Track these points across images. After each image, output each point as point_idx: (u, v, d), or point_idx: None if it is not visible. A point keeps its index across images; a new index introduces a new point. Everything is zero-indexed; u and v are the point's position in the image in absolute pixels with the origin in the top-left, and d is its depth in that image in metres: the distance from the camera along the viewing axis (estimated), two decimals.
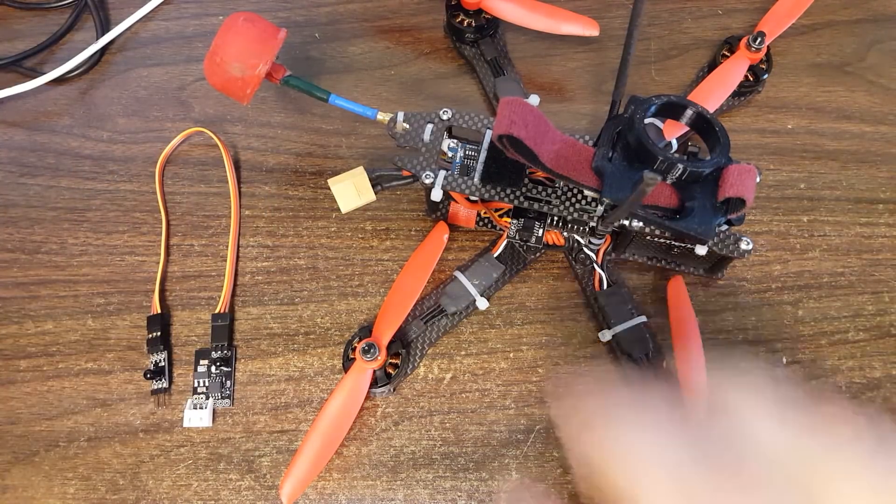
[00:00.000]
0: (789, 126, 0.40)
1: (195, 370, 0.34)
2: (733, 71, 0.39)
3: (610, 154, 0.30)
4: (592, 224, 0.34)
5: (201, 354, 0.34)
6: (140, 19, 0.44)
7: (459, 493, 0.32)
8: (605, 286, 0.35)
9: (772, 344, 0.35)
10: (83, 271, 0.37)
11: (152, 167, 0.39)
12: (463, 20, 0.41)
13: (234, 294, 0.36)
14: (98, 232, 0.38)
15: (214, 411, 0.34)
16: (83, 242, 0.38)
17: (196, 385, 0.34)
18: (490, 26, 0.41)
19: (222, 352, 0.34)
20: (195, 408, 0.33)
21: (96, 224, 0.38)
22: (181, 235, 0.38)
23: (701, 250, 0.31)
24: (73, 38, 0.44)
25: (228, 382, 0.34)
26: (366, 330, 0.34)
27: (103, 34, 0.43)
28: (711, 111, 0.38)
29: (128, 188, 0.39)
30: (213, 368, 0.34)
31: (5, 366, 0.35)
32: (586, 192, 0.33)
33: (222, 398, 0.34)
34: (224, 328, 0.35)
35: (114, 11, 0.44)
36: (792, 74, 0.42)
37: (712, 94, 0.39)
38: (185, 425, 0.33)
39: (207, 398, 0.34)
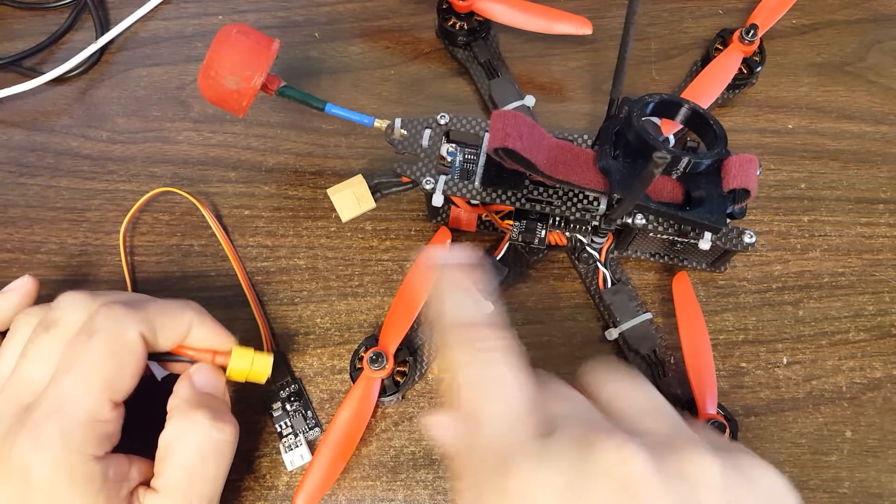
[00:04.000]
0: (790, 126, 0.40)
1: (271, 416, 0.33)
2: (728, 64, 0.39)
3: (613, 153, 0.30)
4: (595, 223, 0.34)
5: (269, 397, 0.33)
6: (139, 19, 0.44)
7: None
8: (609, 284, 0.35)
9: (772, 344, 0.35)
10: (83, 272, 0.37)
11: (152, 167, 0.39)
12: (455, 23, 0.41)
13: (272, 334, 0.35)
14: (97, 232, 0.38)
15: (309, 442, 0.33)
16: (82, 243, 0.37)
17: (280, 430, 0.33)
18: (482, 29, 0.41)
19: (290, 388, 0.34)
20: (290, 449, 0.32)
21: (95, 224, 0.38)
22: (180, 235, 0.38)
23: (705, 244, 0.31)
24: (73, 38, 0.43)
25: (309, 412, 0.33)
26: (372, 339, 0.34)
27: (103, 34, 0.43)
28: (708, 105, 0.39)
29: (127, 188, 0.39)
30: (287, 406, 0.33)
31: None
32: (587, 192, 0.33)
33: (310, 430, 0.33)
34: (279, 366, 0.34)
35: (113, 11, 0.44)
36: (792, 74, 0.42)
37: (708, 89, 0.39)
38: (289, 469, 0.32)
39: (296, 436, 0.33)
